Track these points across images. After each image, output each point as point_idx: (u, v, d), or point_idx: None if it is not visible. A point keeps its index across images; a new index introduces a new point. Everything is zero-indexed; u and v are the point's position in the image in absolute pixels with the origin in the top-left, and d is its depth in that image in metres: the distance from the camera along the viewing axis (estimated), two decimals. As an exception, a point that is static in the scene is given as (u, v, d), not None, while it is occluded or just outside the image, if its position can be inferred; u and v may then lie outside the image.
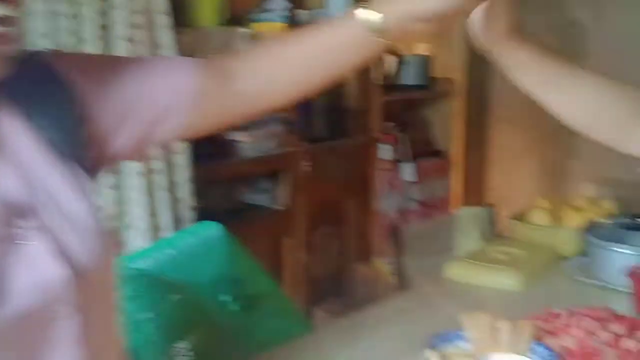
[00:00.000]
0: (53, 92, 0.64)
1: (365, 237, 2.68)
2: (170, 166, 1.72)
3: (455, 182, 3.08)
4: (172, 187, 1.72)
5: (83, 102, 0.66)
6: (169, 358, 1.21)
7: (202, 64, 0.75)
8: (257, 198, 2.29)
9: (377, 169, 2.69)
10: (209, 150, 1.99)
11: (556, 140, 3.18)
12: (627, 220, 1.43)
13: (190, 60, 0.76)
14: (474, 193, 3.14)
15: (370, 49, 0.73)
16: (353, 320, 1.25)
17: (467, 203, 2.87)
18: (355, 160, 2.61)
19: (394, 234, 1.66)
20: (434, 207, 2.92)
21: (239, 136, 2.08)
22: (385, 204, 2.73)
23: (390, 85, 2.71)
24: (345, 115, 2.56)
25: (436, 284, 1.40)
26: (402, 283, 1.63)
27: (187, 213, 1.74)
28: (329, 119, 2.46)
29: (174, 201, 1.72)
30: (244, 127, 2.08)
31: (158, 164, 1.66)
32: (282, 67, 0.75)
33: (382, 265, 2.56)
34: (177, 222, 1.71)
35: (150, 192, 1.64)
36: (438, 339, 1.03)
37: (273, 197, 2.29)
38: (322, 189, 2.44)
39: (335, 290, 2.56)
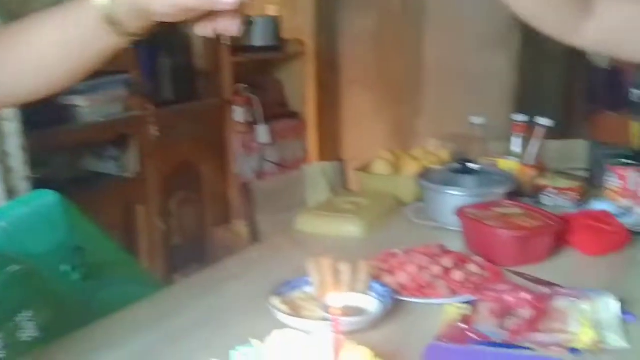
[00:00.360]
0: None
1: (223, 201, 2.67)
2: (-2, 134, 1.58)
3: (310, 142, 3.14)
4: (2, 156, 1.58)
5: None
6: (9, 332, 1.14)
7: None
8: (104, 166, 2.19)
9: (231, 132, 2.67)
10: (44, 116, 1.86)
11: (403, 100, 3.35)
12: (457, 166, 1.54)
13: None
14: (329, 153, 3.23)
15: (105, 41, 0.65)
16: (205, 276, 1.25)
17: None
18: (208, 124, 2.58)
19: (246, 192, 1.66)
20: (290, 167, 2.96)
21: (77, 100, 1.96)
22: (242, 167, 2.72)
23: (240, 47, 2.68)
24: (194, 77, 2.50)
25: (286, 236, 1.43)
26: (256, 240, 1.64)
27: (21, 184, 1.61)
28: (176, 81, 2.39)
29: (5, 171, 1.59)
30: (81, 90, 1.96)
31: (-17, 132, 1.51)
32: (29, 60, 0.68)
33: (241, 227, 2.57)
34: (10, 194, 1.58)
35: (-25, 162, 1.49)
36: (285, 286, 1.06)
37: (121, 164, 2.20)
38: (174, 154, 2.39)
39: (196, 255, 2.54)
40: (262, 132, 2.82)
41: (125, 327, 0.99)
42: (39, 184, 1.70)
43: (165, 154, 2.32)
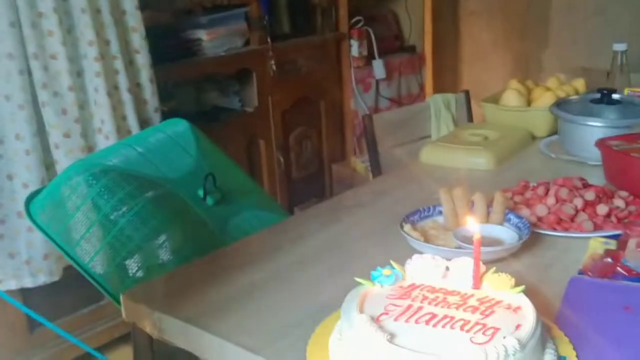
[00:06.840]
0: None
1: (340, 136, 2.67)
2: (130, 66, 1.64)
3: (427, 77, 3.04)
4: (134, 88, 1.65)
5: None
6: (147, 254, 1.21)
7: None
8: (226, 100, 2.23)
9: (348, 67, 2.64)
10: (170, 50, 1.91)
11: (527, 32, 3.14)
12: (597, 96, 1.42)
13: None
14: (447, 87, 3.11)
15: None
16: (332, 204, 1.26)
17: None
18: (325, 58, 2.55)
19: (368, 123, 1.64)
20: (405, 103, 2.90)
21: (200, 34, 1.99)
22: (357, 102, 2.69)
23: (356, -23, 2.60)
24: (310, 10, 2.46)
25: (411, 168, 1.40)
26: (378, 172, 1.62)
27: (154, 115, 1.69)
28: (293, 15, 2.37)
29: (139, 103, 1.66)
30: (203, 24, 1.99)
31: (118, 64, 1.58)
32: None
33: (358, 163, 2.56)
34: (144, 124, 1.66)
35: (111, 93, 1.57)
36: (415, 215, 1.04)
37: (242, 98, 2.23)
38: (293, 89, 2.39)
39: (314, 190, 2.57)
40: (378, 67, 2.76)
41: (260, 249, 1.02)
42: (167, 116, 1.77)
43: (284, 89, 2.33)
